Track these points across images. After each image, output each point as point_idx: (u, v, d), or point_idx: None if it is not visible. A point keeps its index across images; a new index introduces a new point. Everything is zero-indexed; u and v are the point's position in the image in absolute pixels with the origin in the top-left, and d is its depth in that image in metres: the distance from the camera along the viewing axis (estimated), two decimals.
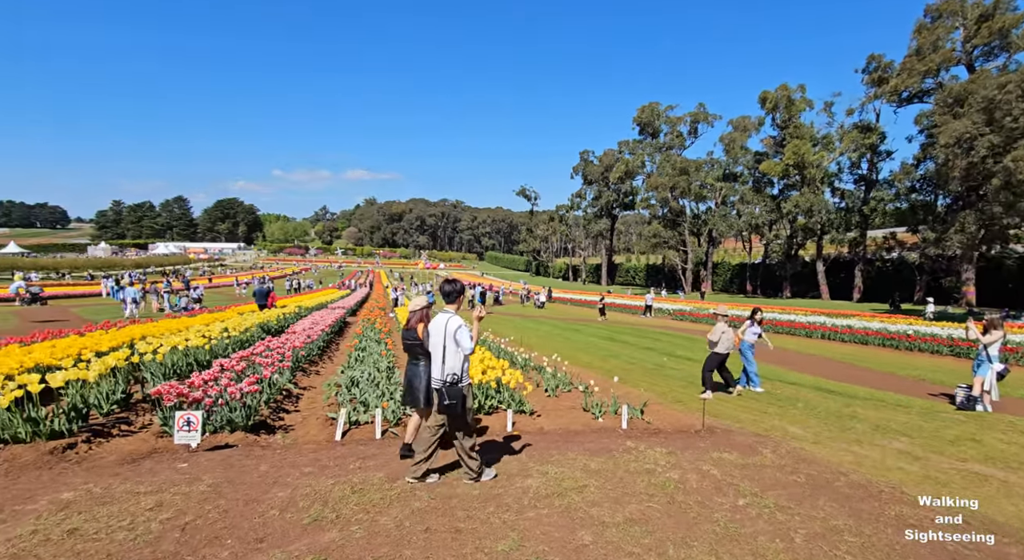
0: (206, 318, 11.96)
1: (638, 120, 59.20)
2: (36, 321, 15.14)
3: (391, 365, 8.34)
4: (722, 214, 50.03)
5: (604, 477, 4.01)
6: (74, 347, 6.71)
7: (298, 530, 2.89)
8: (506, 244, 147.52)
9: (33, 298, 21.44)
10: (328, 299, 26.48)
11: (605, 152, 67.39)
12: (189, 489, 3.38)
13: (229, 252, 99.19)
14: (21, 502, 3.13)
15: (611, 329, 19.80)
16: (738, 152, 48.67)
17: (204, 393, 4.64)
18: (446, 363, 3.73)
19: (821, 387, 9.17)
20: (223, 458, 4.08)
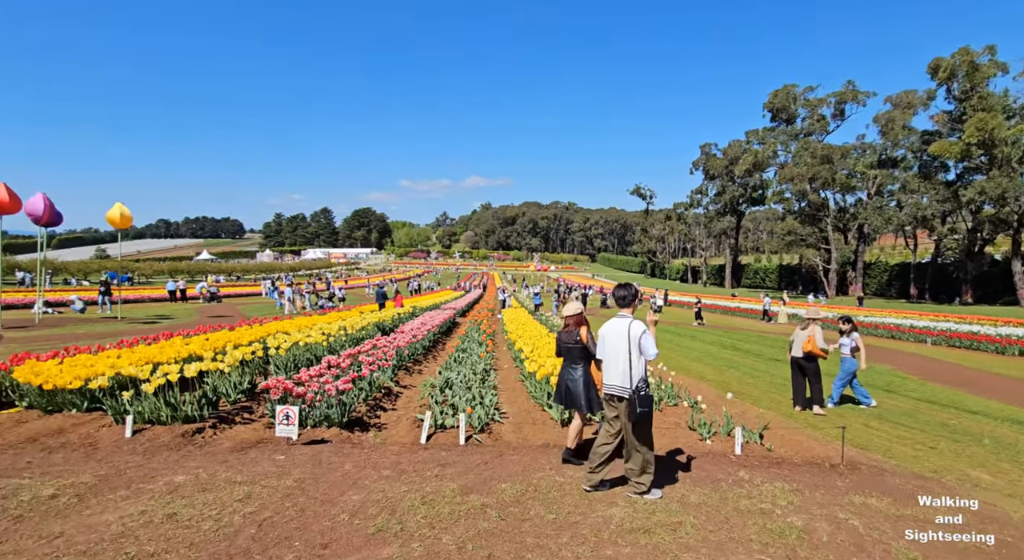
0: (332, 317, 13.20)
1: (770, 105, 53.38)
2: (211, 315, 18.13)
3: (488, 368, 8.33)
4: (876, 206, 42.90)
5: (705, 514, 3.42)
6: (222, 341, 7.73)
7: (361, 539, 2.83)
8: (619, 245, 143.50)
9: (212, 296, 25.80)
10: (443, 300, 27.92)
11: (730, 144, 62.07)
12: (277, 483, 3.55)
13: (363, 256, 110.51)
14: (145, 481, 3.54)
15: (733, 336, 17.92)
16: (898, 133, 41.37)
17: (307, 389, 4.95)
18: (632, 369, 3.61)
19: (1020, 420, 7.16)
20: (314, 454, 4.28)
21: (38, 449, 4.23)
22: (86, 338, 11.04)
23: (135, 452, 4.20)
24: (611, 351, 3.73)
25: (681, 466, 4.45)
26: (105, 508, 3.12)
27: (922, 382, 10.14)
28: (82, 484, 3.47)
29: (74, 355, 6.31)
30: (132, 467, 3.83)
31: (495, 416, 5.77)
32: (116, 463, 3.92)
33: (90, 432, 4.64)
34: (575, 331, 4.29)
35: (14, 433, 4.58)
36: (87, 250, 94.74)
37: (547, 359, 7.21)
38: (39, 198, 13.26)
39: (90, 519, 2.97)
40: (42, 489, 3.37)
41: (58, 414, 5.09)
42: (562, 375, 4.36)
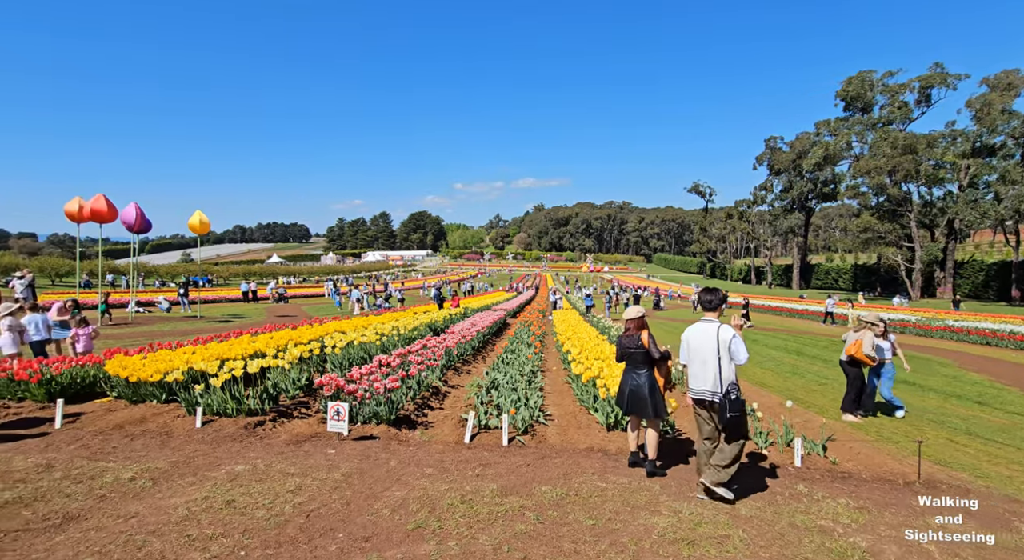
0: (386, 317, 13.67)
1: (843, 94, 49.56)
2: (278, 315, 19.33)
3: (535, 369, 8.31)
4: (970, 199, 38.77)
5: (756, 528, 3.22)
6: (284, 339, 8.21)
7: (400, 534, 2.90)
8: (676, 245, 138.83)
9: (279, 297, 27.50)
10: (494, 301, 28.19)
11: (797, 137, 58.37)
12: (326, 476, 3.72)
13: (419, 258, 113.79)
14: (209, 469, 3.82)
15: (799, 341, 16.82)
16: (996, 118, 37.14)
17: (357, 386, 5.15)
18: (722, 374, 3.63)
19: None
20: (363, 449, 4.44)
21: (122, 436, 4.67)
22: (169, 335, 12.10)
23: (203, 441, 4.54)
24: (699, 355, 3.73)
25: (734, 475, 4.21)
26: (174, 492, 3.40)
27: (1023, 395, 9.05)
28: (156, 469, 3.80)
29: (156, 351, 6.93)
30: (200, 455, 4.14)
31: (539, 418, 5.74)
32: (186, 451, 4.26)
33: (166, 421, 5.08)
34: (636, 335, 4.21)
35: (104, 420, 5.08)
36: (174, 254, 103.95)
37: (594, 361, 7.08)
38: (132, 208, 14.69)
39: (161, 501, 3.24)
40: (123, 472, 3.71)
41: (141, 404, 5.61)
42: (624, 380, 4.28)
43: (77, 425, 4.94)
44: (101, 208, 13.28)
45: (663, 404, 4.17)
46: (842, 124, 51.05)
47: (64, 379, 5.78)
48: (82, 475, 3.64)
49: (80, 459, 3.98)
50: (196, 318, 17.36)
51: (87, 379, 6.01)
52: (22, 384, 5.64)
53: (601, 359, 7.42)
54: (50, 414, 5.17)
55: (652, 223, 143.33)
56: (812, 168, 53.78)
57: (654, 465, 4.16)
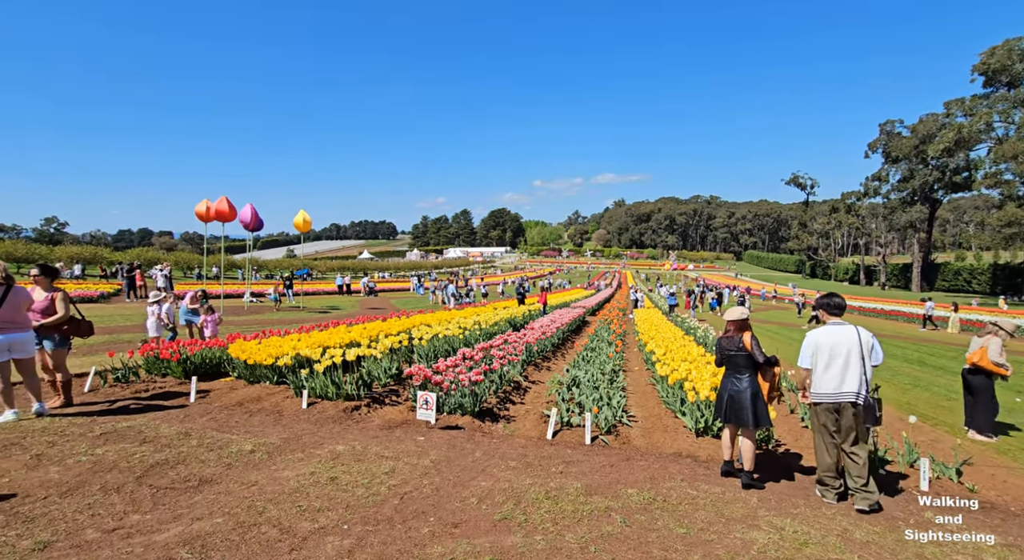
0: (467, 312, 14.08)
1: (983, 68, 42.79)
2: (369, 307, 20.68)
3: (616, 369, 8.12)
4: None
5: (875, 555, 2.89)
6: (376, 330, 8.75)
7: (488, 524, 2.97)
8: (771, 242, 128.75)
9: (370, 291, 29.38)
10: (573, 298, 27.96)
11: (921, 119, 51.59)
12: (417, 461, 3.90)
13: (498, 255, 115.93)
14: (315, 447, 4.16)
15: (925, 349, 14.88)
16: None
17: (443, 378, 5.35)
18: (866, 375, 3.69)
19: None
20: (449, 438, 4.60)
21: (243, 412, 5.24)
22: (278, 323, 13.39)
23: (309, 421, 4.96)
24: (839, 358, 3.70)
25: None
26: (286, 465, 3.75)
27: None
28: (271, 444, 4.22)
29: (268, 337, 7.69)
30: (306, 434, 4.53)
31: (623, 419, 5.61)
32: (295, 429, 4.68)
33: (278, 401, 5.62)
34: (738, 337, 4.01)
35: (228, 397, 5.74)
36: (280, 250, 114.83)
37: (681, 363, 6.78)
38: (248, 208, 16.43)
39: (275, 473, 3.59)
40: (244, 444, 4.17)
41: (256, 384, 6.26)
42: (724, 385, 4.08)
43: (207, 400, 5.62)
44: (224, 209, 14.99)
45: (766, 412, 3.91)
46: (981, 102, 44.19)
47: (196, 359, 6.62)
48: (213, 444, 4.14)
49: (211, 430, 4.52)
50: (299, 308, 19.06)
51: (214, 360, 6.83)
52: (165, 362, 6.54)
53: (688, 361, 7.09)
54: (186, 389, 5.93)
55: (743, 218, 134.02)
56: (940, 154, 47.18)
57: (751, 477, 3.91)
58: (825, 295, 4.00)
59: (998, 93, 42.87)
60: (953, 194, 54.60)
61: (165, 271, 17.94)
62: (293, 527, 2.84)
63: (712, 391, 5.26)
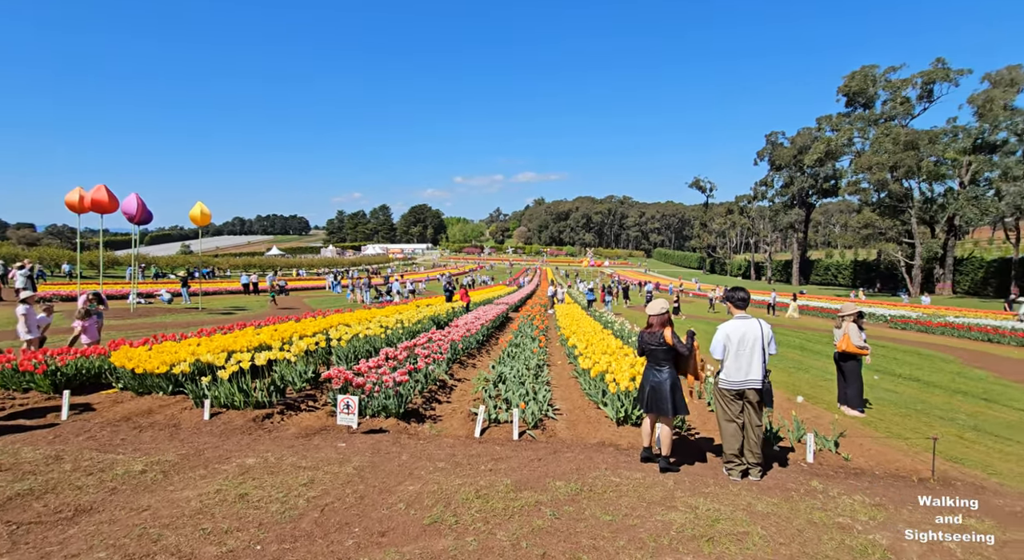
0: (389, 310, 13.62)
1: (845, 89, 49.29)
2: (281, 307, 19.28)
3: (540, 363, 8.27)
4: (971, 196, 38.71)
5: (775, 525, 3.19)
6: (289, 331, 8.16)
7: (417, 529, 2.87)
8: (677, 240, 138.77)
9: (280, 289, 27.41)
10: (496, 295, 28.15)
11: (799, 132, 58.23)
12: (338, 469, 3.68)
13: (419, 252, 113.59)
14: (220, 462, 3.78)
15: (804, 336, 16.83)
16: (999, 114, 37.03)
17: (366, 379, 5.11)
18: (765, 364, 4.06)
19: None
20: (373, 443, 4.40)
21: (131, 427, 4.63)
22: (172, 327, 12.04)
23: (212, 434, 4.50)
24: (747, 350, 4.00)
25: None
26: (186, 485, 3.36)
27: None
28: (167, 462, 3.76)
29: (161, 342, 6.88)
30: (209, 448, 4.10)
31: (548, 412, 5.72)
32: (196, 443, 4.22)
33: (174, 413, 5.04)
34: (659, 332, 4.18)
35: (111, 412, 5.04)
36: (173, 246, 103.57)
37: (601, 356, 7.05)
38: (133, 198, 14.57)
39: (173, 494, 3.21)
40: (133, 464, 3.68)
41: (147, 396, 5.56)
42: (645, 377, 4.25)
43: (84, 416, 4.90)
44: (102, 198, 13.17)
45: (683, 401, 4.16)
46: (844, 120, 50.84)
47: (69, 370, 5.74)
48: (92, 467, 3.60)
49: (89, 451, 3.94)
50: (197, 310, 17.30)
51: (92, 370, 5.97)
52: (27, 375, 5.60)
53: (608, 353, 7.39)
54: (57, 404, 5.12)
55: (652, 218, 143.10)
56: (813, 164, 53.64)
57: (667, 461, 4.15)
58: (732, 290, 4.32)
59: (857, 112, 49.61)
60: (824, 199, 62.40)
61: (26, 269, 15.41)
62: (196, 553, 2.54)
63: (631, 382, 5.52)
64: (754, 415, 4.08)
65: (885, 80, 47.11)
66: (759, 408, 4.10)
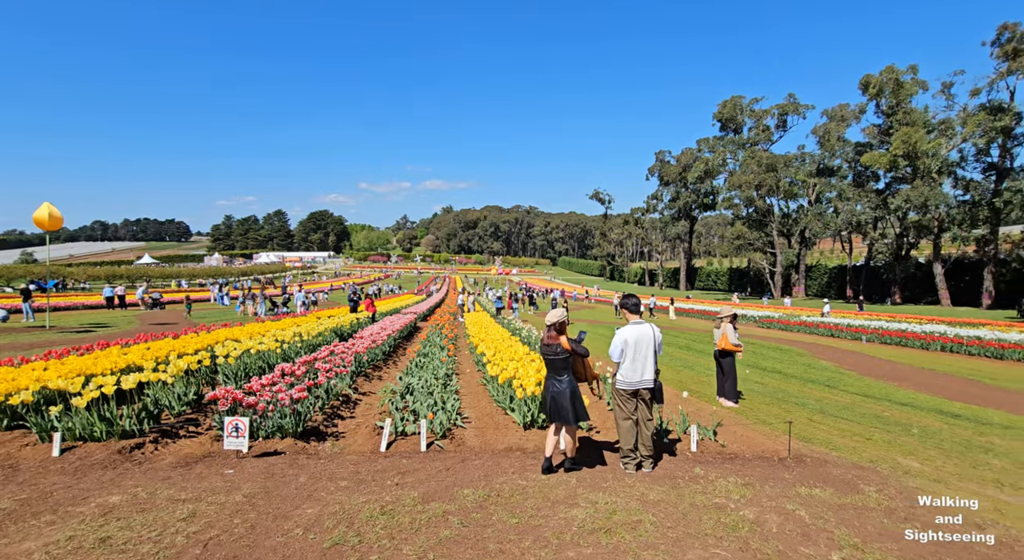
0: (286, 323, 12.70)
1: (719, 116, 55.77)
2: (153, 323, 17.05)
3: (449, 372, 8.24)
4: (816, 212, 45.58)
5: (664, 511, 3.49)
6: (165, 349, 7.27)
7: (316, 554, 2.72)
8: (580, 249, 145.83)
9: (154, 303, 24.29)
10: (404, 304, 27.46)
11: (683, 151, 64.32)
12: (225, 499, 3.36)
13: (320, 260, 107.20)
14: (75, 503, 3.27)
15: (689, 337, 18.55)
16: (835, 144, 44.12)
17: (258, 398, 4.73)
18: (656, 365, 4.35)
19: (943, 410, 7.76)
20: (267, 466, 4.08)
21: None
22: (9, 349, 10.14)
23: (64, 472, 3.87)
24: (642, 352, 4.30)
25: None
26: (27, 535, 2.86)
27: (859, 377, 10.81)
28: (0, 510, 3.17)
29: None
30: (60, 489, 3.53)
31: (457, 421, 5.71)
32: (41, 485, 3.60)
33: (10, 452, 4.25)
34: (556, 342, 4.26)
35: None
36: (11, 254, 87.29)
37: (509, 362, 7.20)
38: None
39: (7, 548, 2.71)
40: None
41: None
42: (546, 387, 4.32)
43: None
44: None
45: (583, 408, 4.32)
46: (719, 142, 57.31)
47: None
48: None
49: None
50: (44, 328, 14.74)
51: None
52: None
53: (516, 360, 7.57)
54: None
55: (557, 227, 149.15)
56: (695, 181, 59.65)
57: (572, 461, 4.33)
58: (625, 297, 4.64)
59: (728, 136, 56.22)
60: (704, 213, 69.48)
61: None
62: None
63: (537, 387, 5.71)
64: (646, 411, 4.43)
65: (750, 109, 53.92)
66: (650, 405, 4.46)
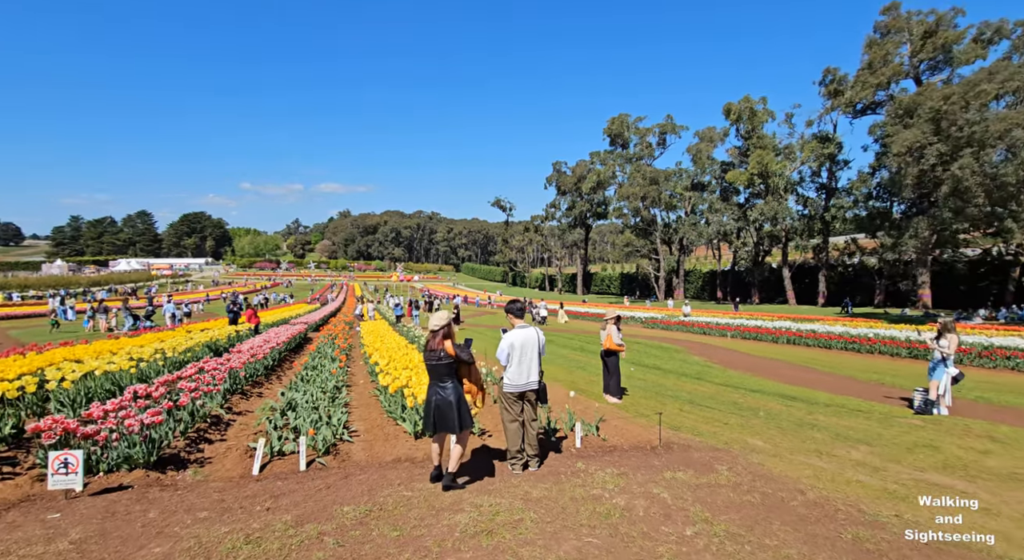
0: (147, 338, 11.19)
1: (608, 131, 60.02)
2: None
3: (340, 385, 7.86)
4: (692, 222, 50.87)
5: (545, 507, 3.64)
6: None
7: None
8: (483, 255, 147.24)
9: None
10: (295, 314, 25.59)
11: (578, 163, 68.05)
12: (44, 549, 2.86)
13: (196, 268, 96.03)
14: None
15: (583, 339, 19.58)
16: (705, 162, 49.68)
17: (100, 426, 4.10)
18: (540, 367, 4.53)
19: (784, 394, 9.05)
20: (107, 505, 3.55)
21: None
22: None
23: None
24: (527, 355, 4.45)
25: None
26: None
27: (724, 370, 12.23)
28: None
29: None
30: None
31: (344, 435, 5.46)
32: None
33: None
34: (440, 348, 4.05)
35: None
36: None
37: (403, 371, 7.05)
38: None
39: None
40: None
41: None
42: (429, 396, 4.08)
43: None
44: None
45: (469, 415, 4.14)
46: (609, 155, 61.62)
47: None
48: None
49: None
50: None
51: None
52: None
53: (410, 368, 7.43)
54: None
55: (460, 234, 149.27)
56: (589, 191, 63.44)
57: (452, 478, 4.05)
58: (510, 303, 4.78)
59: (617, 151, 60.70)
60: (598, 221, 74.12)
61: None
62: None
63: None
64: (531, 412, 4.60)
65: (635, 127, 58.72)
66: (535, 406, 4.64)
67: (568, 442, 5.49)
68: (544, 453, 5.05)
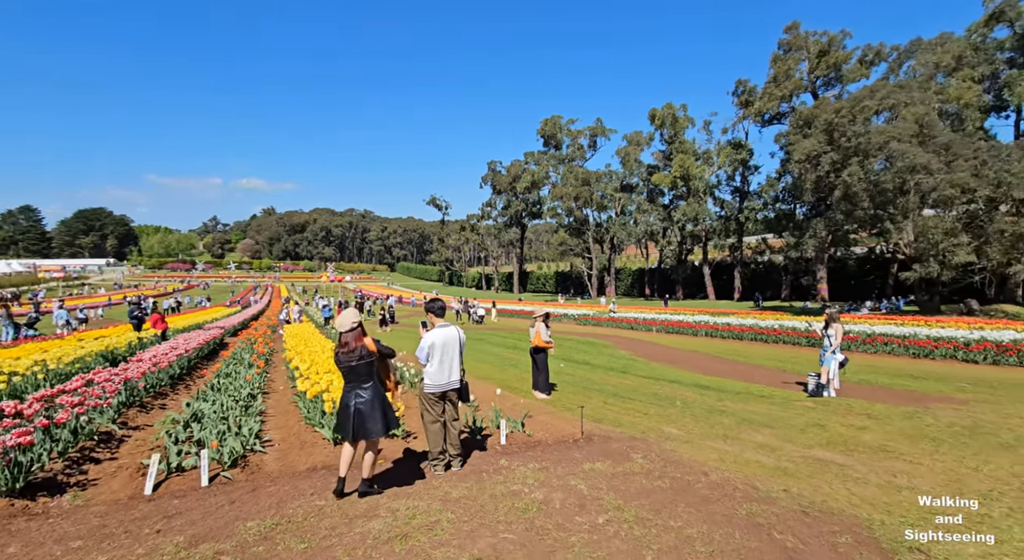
0: (28, 348, 9.90)
1: (542, 132, 61.06)
2: None
3: (255, 392, 7.39)
4: (621, 222, 52.96)
5: (464, 507, 3.63)
6: None
7: None
8: (419, 254, 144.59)
9: None
10: (210, 318, 23.81)
11: (513, 163, 68.61)
12: None
13: (95, 269, 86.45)
14: None
15: (516, 337, 19.77)
16: (633, 165, 51.89)
17: None
18: (461, 365, 4.53)
19: (699, 383, 9.65)
20: None
21: None
22: None
23: None
24: (449, 354, 4.42)
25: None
26: None
27: (647, 363, 12.84)
28: None
29: None
30: None
31: (255, 446, 5.13)
32: None
33: None
34: (359, 346, 3.84)
35: None
36: None
37: (324, 375, 6.76)
38: None
39: None
40: None
41: None
42: (345, 400, 3.82)
43: None
44: None
45: (394, 415, 4.01)
46: (543, 156, 62.69)
47: None
48: None
49: None
50: None
51: None
52: None
53: (332, 372, 7.13)
54: None
55: (395, 233, 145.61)
56: (524, 190, 64.20)
57: (369, 484, 3.89)
58: (430, 302, 4.71)
59: (551, 152, 61.94)
60: (533, 221, 75.23)
61: None
62: None
63: None
64: (453, 411, 4.57)
65: (568, 129, 60.18)
66: (456, 405, 4.62)
67: (493, 440, 5.51)
68: (468, 452, 5.04)
